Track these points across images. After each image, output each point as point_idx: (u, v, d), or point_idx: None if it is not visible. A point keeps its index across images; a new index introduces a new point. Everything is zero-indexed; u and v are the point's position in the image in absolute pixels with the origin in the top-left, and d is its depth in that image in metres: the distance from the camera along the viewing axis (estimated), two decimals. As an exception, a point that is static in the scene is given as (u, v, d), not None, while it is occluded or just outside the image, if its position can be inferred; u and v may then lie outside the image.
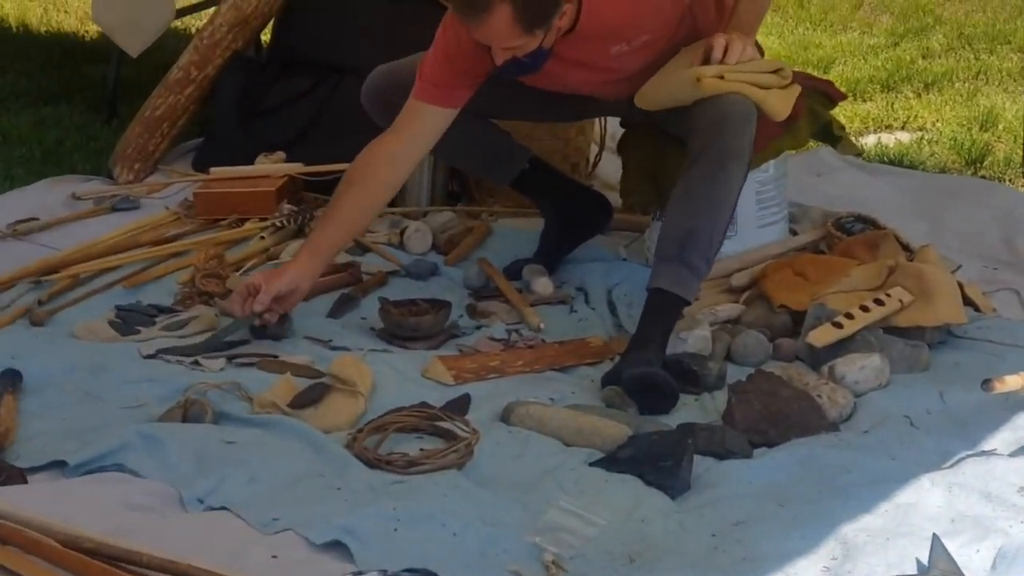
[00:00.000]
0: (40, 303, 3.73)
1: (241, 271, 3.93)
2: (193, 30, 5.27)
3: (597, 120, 4.52)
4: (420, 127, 3.61)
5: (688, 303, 3.47)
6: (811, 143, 4.06)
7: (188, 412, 3.17)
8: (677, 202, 3.49)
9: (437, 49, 3.60)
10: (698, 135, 3.48)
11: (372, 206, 3.72)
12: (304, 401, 3.24)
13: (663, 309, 3.44)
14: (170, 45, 5.08)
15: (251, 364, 3.46)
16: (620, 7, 3.51)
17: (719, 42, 3.49)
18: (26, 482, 2.91)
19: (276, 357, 3.49)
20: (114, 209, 4.39)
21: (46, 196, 4.44)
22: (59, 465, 3.00)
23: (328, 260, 3.69)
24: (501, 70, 3.49)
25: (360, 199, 3.63)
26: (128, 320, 3.67)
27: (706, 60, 3.50)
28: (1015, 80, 5.31)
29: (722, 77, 3.46)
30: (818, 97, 3.91)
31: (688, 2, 3.60)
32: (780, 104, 3.53)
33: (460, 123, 3.71)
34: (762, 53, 3.80)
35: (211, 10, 5.06)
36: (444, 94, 3.58)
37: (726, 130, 3.45)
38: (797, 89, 3.60)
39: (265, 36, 5.06)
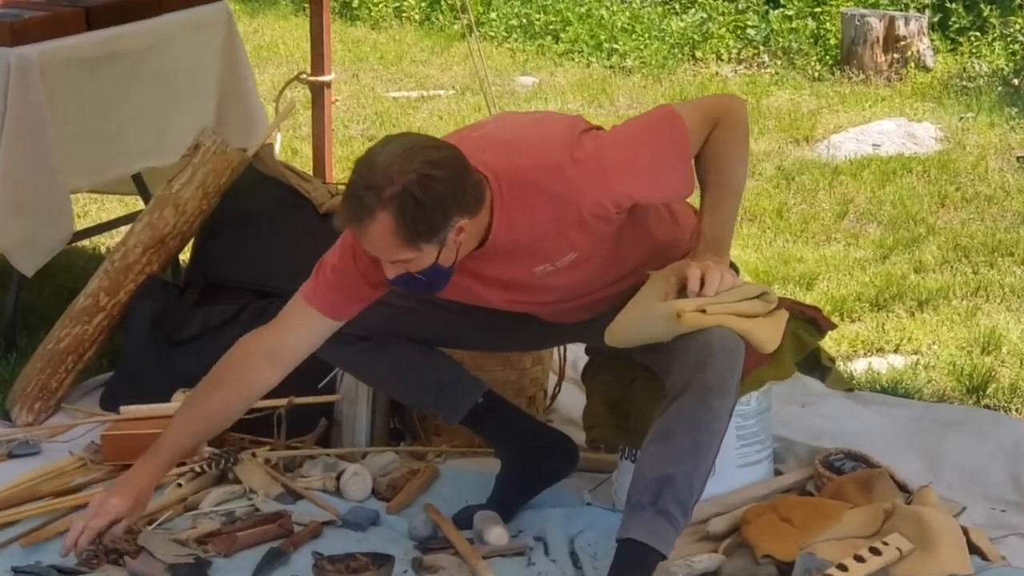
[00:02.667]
0: (-75, 565, 3.72)
1: (155, 524, 3.92)
2: (103, 249, 5.30)
3: (554, 352, 4.56)
4: (306, 330, 3.69)
5: (664, 557, 3.45)
6: (797, 374, 4.07)
7: None
8: (654, 443, 3.49)
9: (333, 257, 3.66)
10: (680, 372, 3.49)
11: (240, 409, 3.78)
12: None
13: (635, 563, 3.44)
14: (77, 266, 5.11)
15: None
16: (536, 224, 3.52)
17: (694, 273, 3.48)
18: None
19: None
20: (11, 456, 4.37)
21: (-65, 441, 4.44)
22: None
23: (168, 470, 3.80)
24: (393, 286, 3.54)
25: (231, 401, 3.73)
26: (26, 584, 3.66)
27: (681, 291, 3.51)
28: (1019, 297, 5.36)
29: (703, 310, 3.49)
30: (805, 325, 3.95)
31: (622, 219, 3.61)
32: (767, 334, 3.57)
33: (403, 351, 3.75)
34: (736, 269, 3.84)
35: (124, 228, 5.11)
36: (331, 303, 3.65)
37: (711, 367, 3.46)
38: (785, 315, 3.65)
39: (184, 256, 5.10)
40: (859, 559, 3.50)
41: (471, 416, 4.02)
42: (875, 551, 3.53)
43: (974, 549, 3.71)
